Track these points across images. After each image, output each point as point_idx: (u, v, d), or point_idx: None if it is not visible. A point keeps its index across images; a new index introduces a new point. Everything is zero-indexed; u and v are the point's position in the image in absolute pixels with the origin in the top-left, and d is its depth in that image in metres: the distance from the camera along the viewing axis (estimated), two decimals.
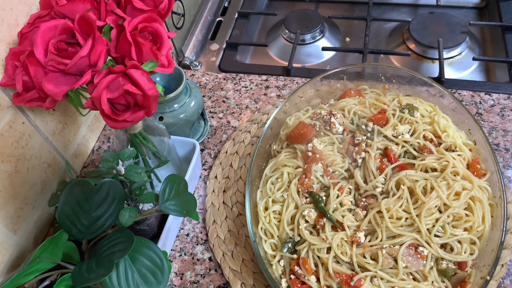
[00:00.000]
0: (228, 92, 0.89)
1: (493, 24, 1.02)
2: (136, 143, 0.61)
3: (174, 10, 0.96)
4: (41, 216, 0.68)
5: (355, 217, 0.59)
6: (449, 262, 0.55)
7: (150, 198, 0.58)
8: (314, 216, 0.59)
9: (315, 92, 0.76)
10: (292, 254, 0.59)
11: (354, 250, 0.56)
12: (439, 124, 0.65)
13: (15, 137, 0.60)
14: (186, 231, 0.70)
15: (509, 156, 0.73)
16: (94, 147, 0.82)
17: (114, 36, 0.49)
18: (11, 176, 0.60)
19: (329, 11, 1.13)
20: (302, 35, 1.04)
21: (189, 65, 0.99)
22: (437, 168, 0.60)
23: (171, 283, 0.65)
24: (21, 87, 0.50)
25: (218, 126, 0.84)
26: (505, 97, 0.82)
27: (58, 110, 0.70)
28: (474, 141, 0.65)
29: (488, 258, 0.54)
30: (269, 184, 0.65)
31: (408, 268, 0.54)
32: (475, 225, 0.56)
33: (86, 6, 0.50)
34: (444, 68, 0.89)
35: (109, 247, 0.50)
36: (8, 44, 0.56)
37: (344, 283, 0.54)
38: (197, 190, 0.75)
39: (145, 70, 0.47)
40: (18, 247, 0.63)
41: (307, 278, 0.56)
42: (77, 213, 0.53)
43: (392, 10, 1.14)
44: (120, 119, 0.48)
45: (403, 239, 0.55)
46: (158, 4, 0.53)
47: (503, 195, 0.58)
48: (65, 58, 0.47)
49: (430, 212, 0.56)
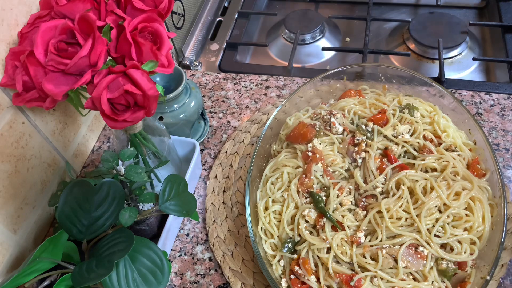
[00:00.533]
0: (228, 92, 0.89)
1: (493, 24, 1.02)
2: (136, 143, 0.61)
3: (174, 10, 0.96)
4: (41, 216, 0.68)
5: (355, 217, 0.59)
6: (449, 262, 0.55)
7: (150, 198, 0.58)
8: (314, 216, 0.59)
9: (315, 92, 0.76)
10: (292, 254, 0.59)
11: (354, 250, 0.56)
12: (439, 124, 0.65)
13: (15, 137, 0.60)
14: (186, 231, 0.70)
15: (509, 156, 0.73)
16: (94, 147, 0.82)
17: (114, 36, 0.49)
18: (11, 176, 0.60)
19: (329, 11, 1.13)
20: (302, 35, 1.04)
21: (189, 65, 0.99)
22: (437, 168, 0.60)
23: (171, 283, 0.65)
24: (21, 87, 0.50)
25: (218, 126, 0.84)
26: (505, 97, 0.82)
27: (58, 110, 0.70)
28: (474, 141, 0.65)
29: (488, 258, 0.54)
30: (269, 184, 0.65)
31: (408, 268, 0.54)
32: (475, 225, 0.56)
33: (86, 6, 0.50)
34: (444, 68, 0.89)
35: (109, 247, 0.50)
36: (8, 44, 0.56)
37: (344, 283, 0.54)
38: (197, 190, 0.75)
39: (145, 70, 0.47)
40: (18, 247, 0.63)
41: (307, 278, 0.56)
42: (77, 213, 0.53)
43: (392, 10, 1.14)
44: (120, 119, 0.48)
45: (403, 239, 0.55)
46: (158, 4, 0.53)
47: (503, 195, 0.57)
48: (65, 58, 0.47)
49: (430, 212, 0.56)
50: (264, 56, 1.06)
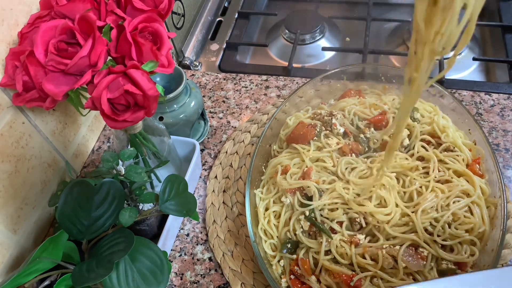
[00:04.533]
0: (228, 92, 0.89)
1: (493, 24, 1.02)
2: (136, 143, 0.61)
3: (174, 10, 0.96)
4: (41, 216, 0.68)
5: (353, 228, 0.59)
6: (449, 263, 0.55)
7: (150, 198, 0.58)
8: (306, 227, 0.59)
9: (315, 92, 0.76)
10: (292, 254, 0.59)
11: (354, 250, 0.56)
12: (438, 124, 0.65)
13: (15, 137, 0.60)
14: (186, 231, 0.70)
15: (509, 156, 0.73)
16: (94, 147, 0.82)
17: (114, 36, 0.49)
18: (11, 176, 0.60)
19: (329, 11, 1.13)
20: (302, 35, 1.04)
21: (189, 65, 0.99)
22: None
23: (171, 283, 0.65)
24: (21, 87, 0.50)
25: (218, 126, 0.84)
26: (505, 97, 0.82)
27: (58, 110, 0.70)
28: (474, 141, 0.65)
29: (488, 258, 0.54)
30: (269, 185, 0.65)
31: (408, 268, 0.54)
32: (476, 226, 0.56)
33: (86, 6, 0.50)
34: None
35: (109, 247, 0.50)
36: (8, 44, 0.56)
37: (344, 283, 0.54)
38: (197, 190, 0.75)
39: (145, 70, 0.47)
40: (18, 247, 0.63)
41: (307, 278, 0.56)
42: (77, 213, 0.53)
43: (392, 10, 1.14)
44: (120, 119, 0.48)
45: (403, 239, 0.55)
46: (158, 4, 0.53)
47: (503, 195, 0.57)
48: (65, 58, 0.47)
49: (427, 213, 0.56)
50: (264, 56, 1.06)
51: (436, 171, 0.60)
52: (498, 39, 0.98)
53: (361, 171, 0.61)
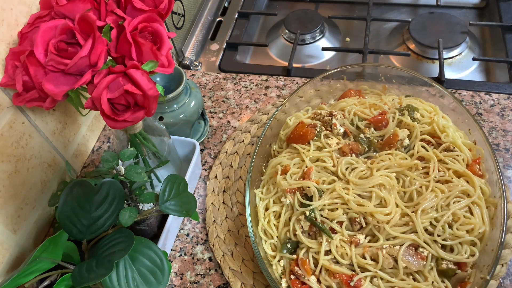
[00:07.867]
0: (228, 92, 0.89)
1: (493, 24, 1.02)
2: (136, 143, 0.61)
3: (174, 10, 0.96)
4: (41, 216, 0.68)
5: (353, 228, 0.59)
6: (449, 263, 0.55)
7: (150, 198, 0.58)
8: (306, 227, 0.59)
9: (315, 92, 0.76)
10: (292, 254, 0.59)
11: (354, 250, 0.56)
12: (438, 124, 0.65)
13: (15, 137, 0.60)
14: (186, 231, 0.70)
15: (509, 156, 0.73)
16: (94, 147, 0.82)
17: (114, 36, 0.49)
18: (11, 176, 0.60)
19: (329, 11, 1.13)
20: (302, 35, 1.04)
21: (189, 65, 0.99)
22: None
23: (171, 283, 0.65)
24: (21, 87, 0.50)
25: (218, 126, 0.84)
26: (505, 97, 0.82)
27: (58, 110, 0.70)
28: (474, 141, 0.65)
29: (488, 258, 0.54)
30: (269, 185, 0.65)
31: (408, 268, 0.54)
32: (477, 227, 0.56)
33: (86, 6, 0.50)
34: (444, 68, 0.88)
35: (109, 247, 0.50)
36: (8, 44, 0.56)
37: (344, 283, 0.54)
38: (197, 190, 0.75)
39: (145, 70, 0.47)
40: (18, 247, 0.63)
41: (307, 278, 0.56)
42: (77, 213, 0.53)
43: (392, 10, 1.14)
44: (120, 119, 0.48)
45: (403, 239, 0.55)
46: (158, 4, 0.53)
47: (503, 195, 0.57)
48: (65, 58, 0.47)
49: (427, 213, 0.56)
50: (264, 56, 1.06)
51: (436, 171, 0.60)
52: (498, 39, 0.98)
53: (361, 171, 0.61)
